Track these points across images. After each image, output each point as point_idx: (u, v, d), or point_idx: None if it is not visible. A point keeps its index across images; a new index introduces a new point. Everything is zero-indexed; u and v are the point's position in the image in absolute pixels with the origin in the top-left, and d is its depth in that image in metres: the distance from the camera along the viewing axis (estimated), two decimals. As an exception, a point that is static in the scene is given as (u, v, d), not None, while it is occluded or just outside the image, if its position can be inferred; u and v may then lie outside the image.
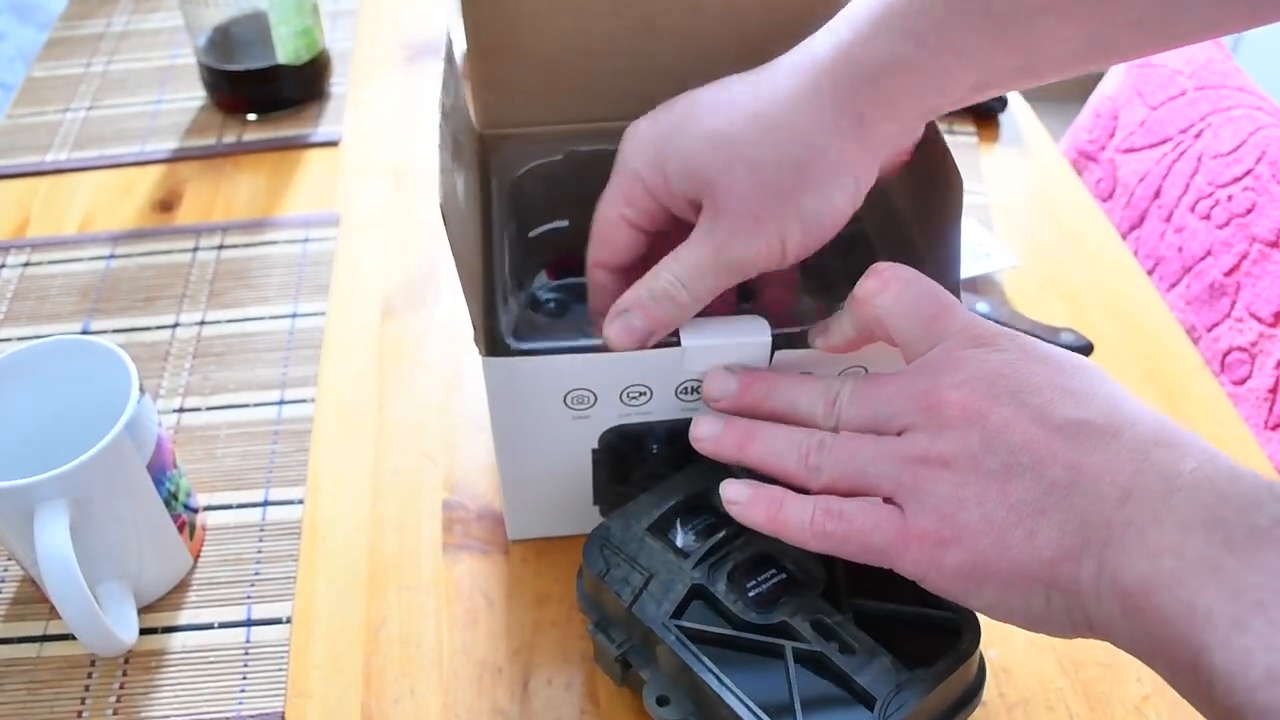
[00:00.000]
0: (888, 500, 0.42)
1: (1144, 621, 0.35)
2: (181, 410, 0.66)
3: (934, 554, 0.40)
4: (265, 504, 0.61)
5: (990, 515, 0.39)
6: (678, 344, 0.49)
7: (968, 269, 0.72)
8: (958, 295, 0.48)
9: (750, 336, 0.49)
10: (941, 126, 0.51)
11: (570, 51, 0.58)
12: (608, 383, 0.50)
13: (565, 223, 0.62)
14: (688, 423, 0.51)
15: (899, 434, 0.43)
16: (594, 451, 0.53)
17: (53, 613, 0.56)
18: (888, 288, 0.45)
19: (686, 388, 0.50)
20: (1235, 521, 0.34)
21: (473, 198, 0.55)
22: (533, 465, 0.54)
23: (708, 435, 0.48)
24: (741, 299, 0.58)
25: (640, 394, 0.50)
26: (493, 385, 0.50)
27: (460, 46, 0.58)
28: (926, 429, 0.42)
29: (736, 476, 0.48)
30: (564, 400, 0.50)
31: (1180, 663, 0.35)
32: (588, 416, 0.51)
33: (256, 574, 0.58)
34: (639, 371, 0.50)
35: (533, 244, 0.62)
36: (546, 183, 0.60)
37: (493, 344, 0.49)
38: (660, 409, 0.51)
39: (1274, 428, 0.76)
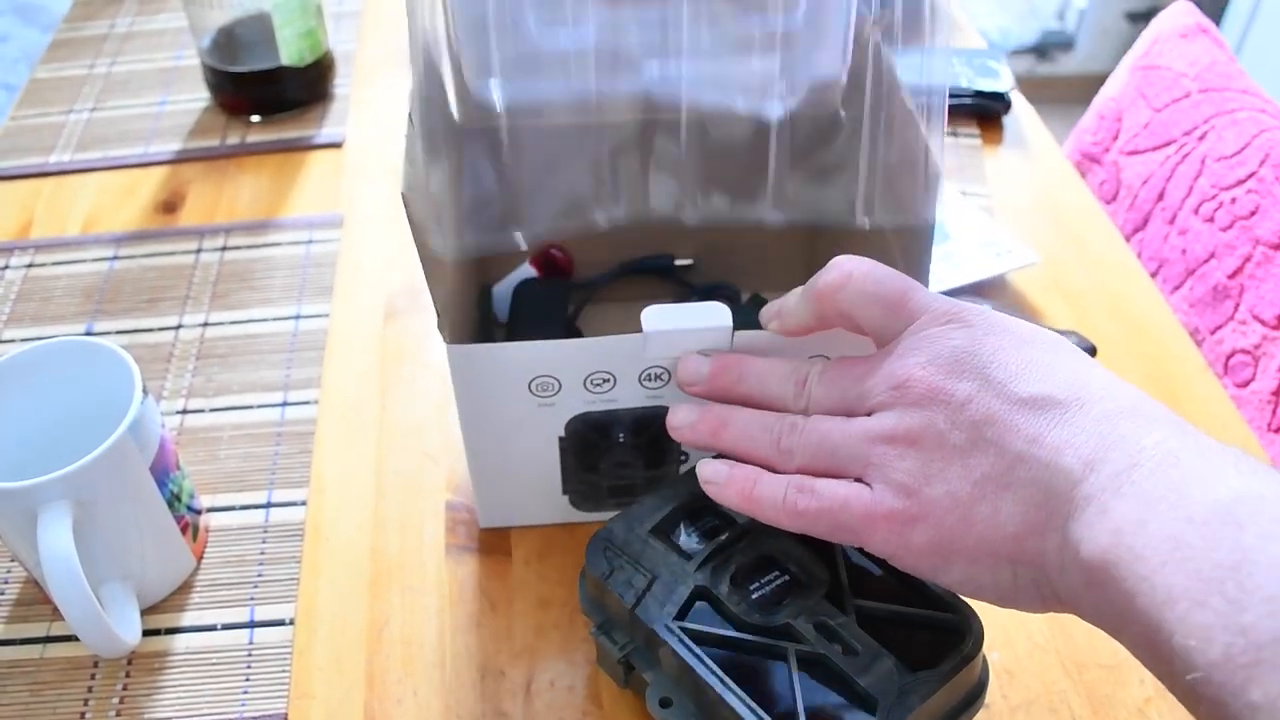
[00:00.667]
0: (859, 480, 0.43)
1: (1107, 595, 0.35)
2: (185, 411, 0.66)
3: (901, 531, 0.41)
4: (268, 505, 0.61)
5: (955, 491, 0.40)
6: (639, 330, 0.49)
7: (988, 268, 0.72)
8: (927, 273, 0.50)
9: (711, 322, 0.49)
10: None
11: (549, 47, 0.58)
12: (571, 370, 0.50)
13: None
14: (654, 411, 0.52)
15: (869, 414, 0.43)
16: (561, 439, 0.54)
17: (56, 614, 0.56)
18: (849, 281, 0.45)
19: (650, 374, 0.51)
20: (1198, 496, 0.34)
21: (448, 187, 0.55)
22: (500, 453, 0.54)
23: (684, 423, 0.48)
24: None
25: (604, 380, 0.51)
26: (457, 372, 0.50)
27: (442, 37, 0.58)
28: (894, 408, 0.42)
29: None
30: (529, 387, 0.51)
31: (1142, 638, 0.34)
32: (553, 404, 0.52)
33: (259, 575, 0.58)
34: (602, 358, 0.50)
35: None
36: None
37: (456, 331, 0.50)
38: (625, 396, 0.52)
39: (1277, 430, 0.76)
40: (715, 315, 0.49)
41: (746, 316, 0.53)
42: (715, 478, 0.46)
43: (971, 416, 0.40)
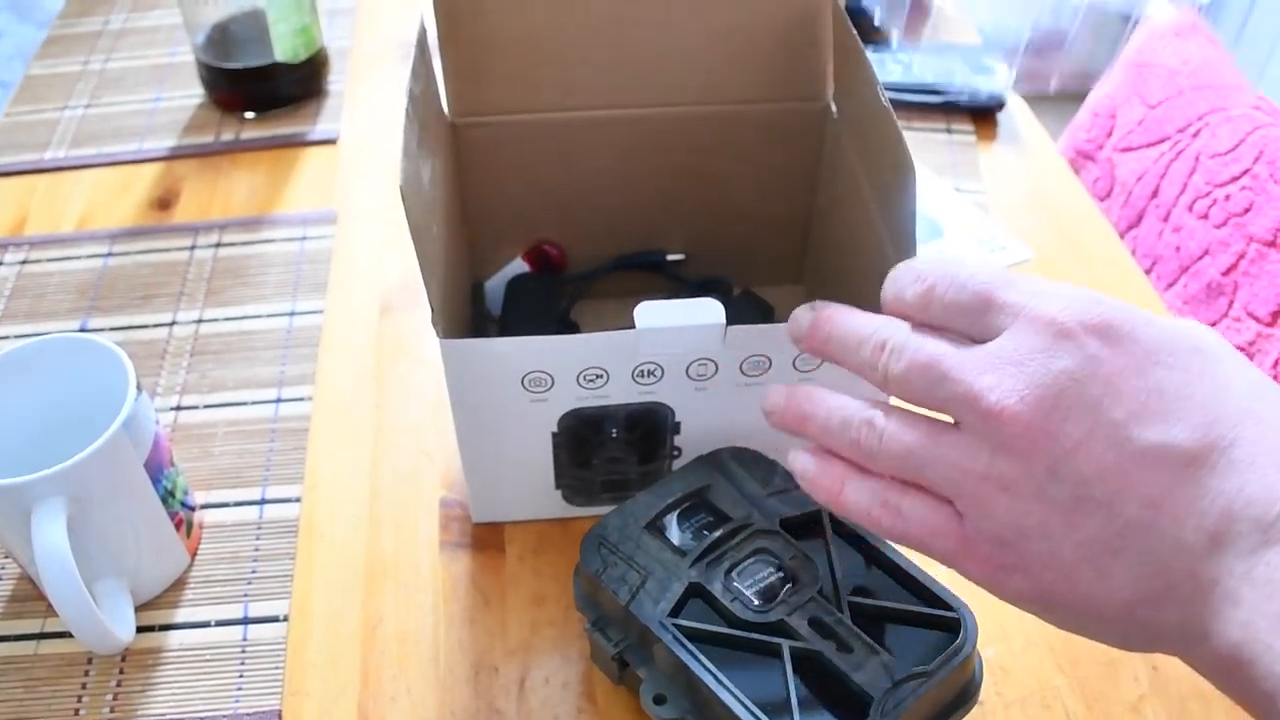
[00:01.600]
0: (949, 502, 0.38)
1: (1242, 686, 0.33)
2: (179, 408, 0.66)
3: (996, 575, 0.37)
4: (262, 502, 0.61)
5: (1056, 551, 0.35)
6: (633, 326, 0.49)
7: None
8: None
9: (704, 318, 0.49)
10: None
11: (542, 42, 0.58)
12: (564, 365, 0.50)
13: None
14: (647, 407, 0.52)
15: (956, 423, 0.37)
16: (554, 435, 0.54)
17: (50, 610, 0.56)
18: (932, 295, 0.39)
19: (643, 370, 0.51)
20: None
21: (440, 183, 0.55)
22: (493, 448, 0.54)
23: (772, 408, 0.43)
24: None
25: (597, 376, 0.51)
26: (451, 368, 0.50)
27: (434, 35, 0.58)
28: (986, 440, 0.36)
29: (734, 473, 0.48)
30: (521, 383, 0.51)
31: None
32: (546, 400, 0.52)
33: (254, 572, 0.58)
34: (595, 354, 0.50)
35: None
36: None
37: (450, 326, 0.50)
38: (618, 392, 0.52)
39: (1271, 427, 0.76)
40: (708, 311, 0.49)
41: (739, 310, 0.53)
42: (804, 473, 0.42)
43: (1079, 469, 0.34)
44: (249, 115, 0.88)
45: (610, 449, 0.55)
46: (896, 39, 0.93)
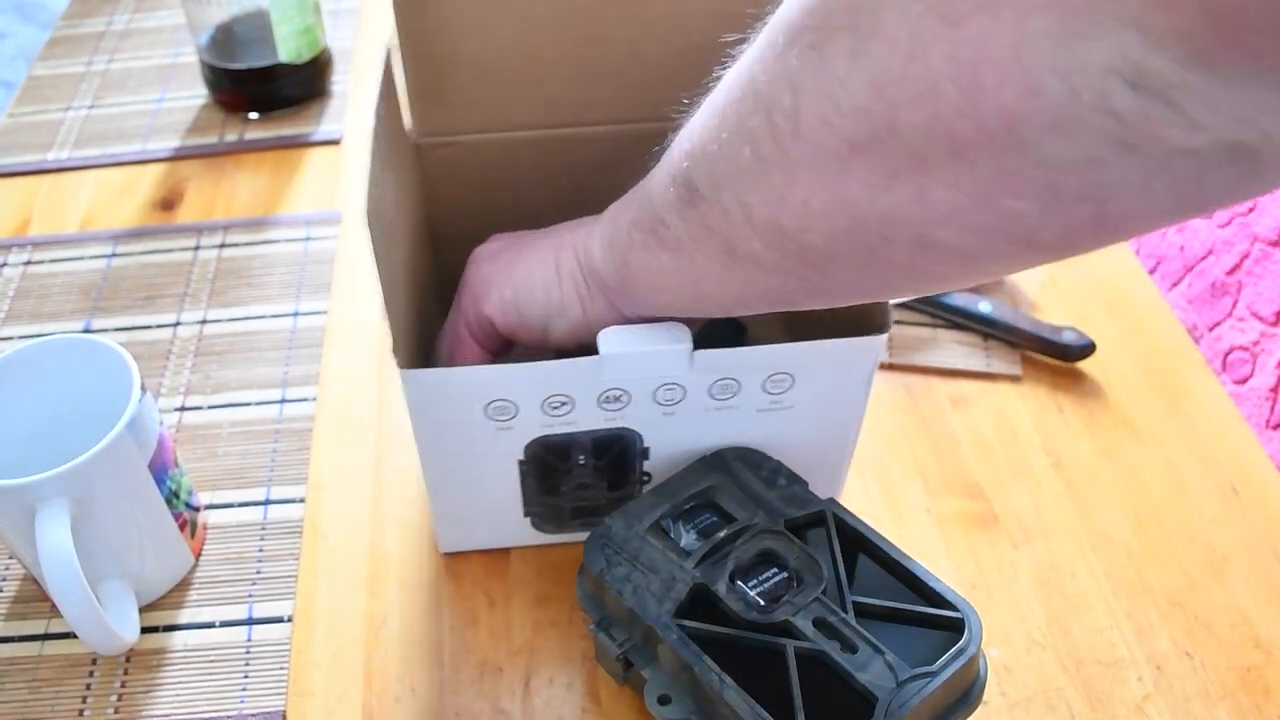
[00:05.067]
0: None
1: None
2: (183, 409, 0.66)
3: None
4: (266, 502, 0.61)
5: None
6: (597, 353, 0.48)
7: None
8: None
9: (670, 344, 0.48)
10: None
11: (508, 61, 0.57)
12: (528, 393, 0.49)
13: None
14: (614, 433, 0.51)
15: None
16: (520, 463, 0.53)
17: (54, 611, 0.56)
18: None
19: (609, 396, 0.50)
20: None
21: (405, 208, 0.55)
22: (459, 478, 0.54)
23: None
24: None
25: (562, 404, 0.50)
26: (413, 397, 0.49)
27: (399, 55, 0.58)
28: None
29: (739, 474, 0.48)
30: (485, 411, 0.50)
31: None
32: (511, 428, 0.51)
33: (258, 572, 0.58)
34: (559, 382, 0.49)
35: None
36: None
37: (410, 356, 0.49)
38: (584, 419, 0.51)
39: (1275, 427, 0.76)
40: (673, 336, 0.48)
41: (711, 327, 0.52)
42: None
43: None
44: (252, 116, 0.88)
45: (578, 476, 0.54)
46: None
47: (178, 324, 0.72)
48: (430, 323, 0.60)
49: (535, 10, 0.56)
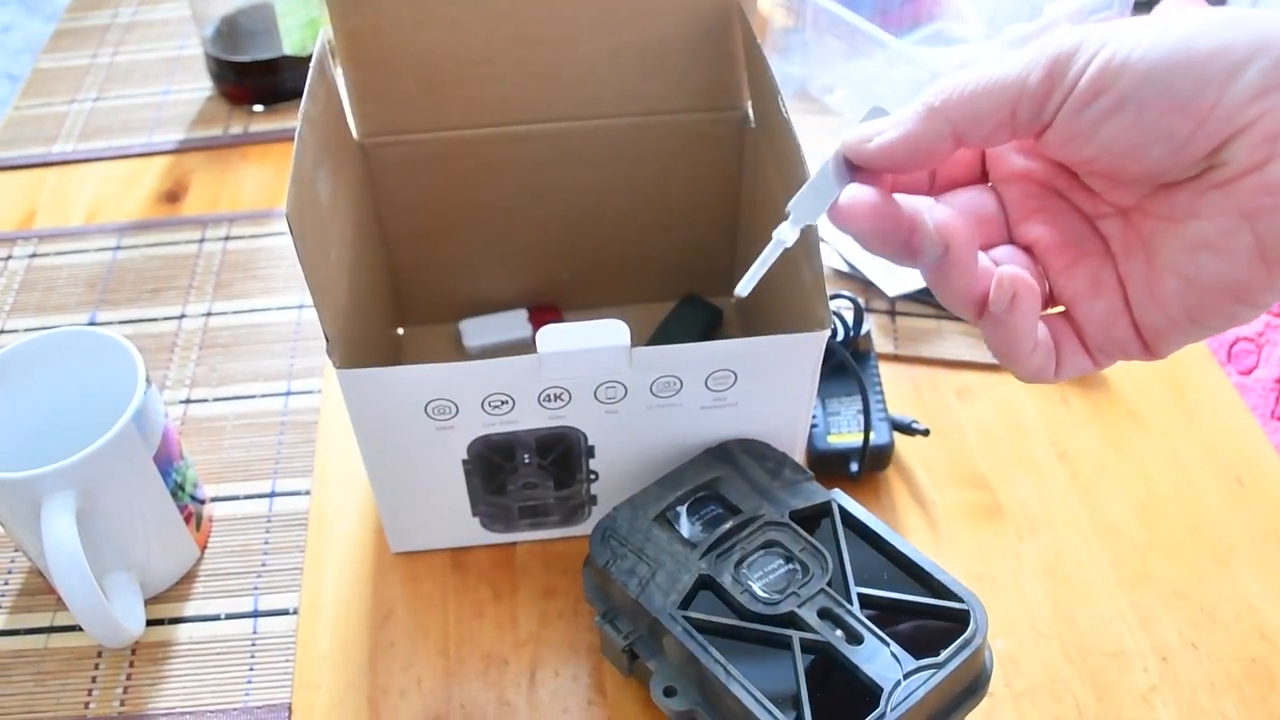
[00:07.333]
0: None
1: None
2: (188, 401, 0.66)
3: None
4: (272, 495, 0.61)
5: None
6: (534, 351, 0.48)
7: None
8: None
9: (608, 340, 0.48)
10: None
11: (445, 60, 0.57)
12: (467, 392, 0.49)
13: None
14: (557, 432, 0.51)
15: None
16: (464, 462, 0.53)
17: (60, 604, 0.56)
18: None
19: (549, 395, 0.50)
20: None
21: (344, 207, 0.55)
22: (404, 478, 0.54)
23: None
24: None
25: (503, 403, 0.50)
26: (351, 398, 0.49)
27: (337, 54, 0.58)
28: None
29: (744, 465, 0.48)
30: (425, 411, 0.50)
31: None
32: (452, 427, 0.51)
33: (263, 565, 0.58)
34: (498, 380, 0.49)
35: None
36: None
37: (346, 356, 0.48)
38: (525, 418, 0.51)
39: (1282, 418, 0.75)
40: (611, 333, 0.48)
41: (686, 315, 0.51)
42: None
43: None
44: (257, 108, 0.88)
45: (524, 475, 0.54)
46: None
47: (183, 316, 0.72)
48: (378, 322, 0.59)
49: (465, 12, 0.56)
